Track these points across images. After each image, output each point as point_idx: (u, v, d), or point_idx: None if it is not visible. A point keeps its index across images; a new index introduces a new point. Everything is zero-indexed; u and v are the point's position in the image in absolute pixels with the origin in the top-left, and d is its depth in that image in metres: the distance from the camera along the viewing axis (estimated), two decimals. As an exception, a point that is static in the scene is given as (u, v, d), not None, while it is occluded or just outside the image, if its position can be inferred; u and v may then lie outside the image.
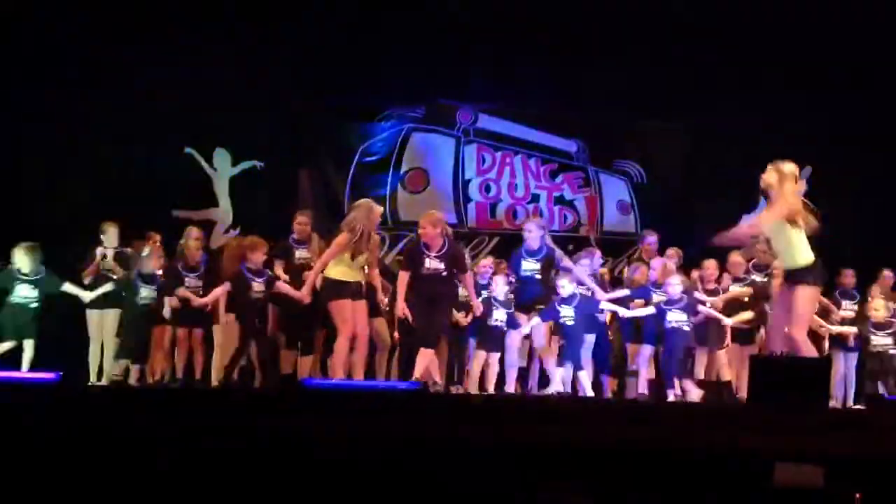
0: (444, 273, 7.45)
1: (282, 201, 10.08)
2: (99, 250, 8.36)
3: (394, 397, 6.11)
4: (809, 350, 6.60)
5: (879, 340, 8.11)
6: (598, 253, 8.81)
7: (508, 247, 10.38)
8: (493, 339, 7.92)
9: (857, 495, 5.26)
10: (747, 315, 8.19)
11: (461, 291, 7.87)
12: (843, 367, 8.54)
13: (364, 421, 5.47)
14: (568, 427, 5.81)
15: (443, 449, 5.47)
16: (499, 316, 7.90)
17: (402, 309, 7.38)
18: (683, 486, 5.55)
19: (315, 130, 10.88)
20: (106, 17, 9.76)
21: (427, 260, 7.45)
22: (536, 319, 7.86)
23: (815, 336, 7.96)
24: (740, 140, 10.49)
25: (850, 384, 8.66)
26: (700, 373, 8.22)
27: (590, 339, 8.00)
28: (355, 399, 5.84)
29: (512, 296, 8.07)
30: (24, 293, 7.78)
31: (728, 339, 8.29)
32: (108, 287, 8.03)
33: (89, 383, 7.85)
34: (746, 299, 8.35)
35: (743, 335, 8.42)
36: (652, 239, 9.30)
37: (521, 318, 7.94)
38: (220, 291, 7.75)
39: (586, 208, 11.17)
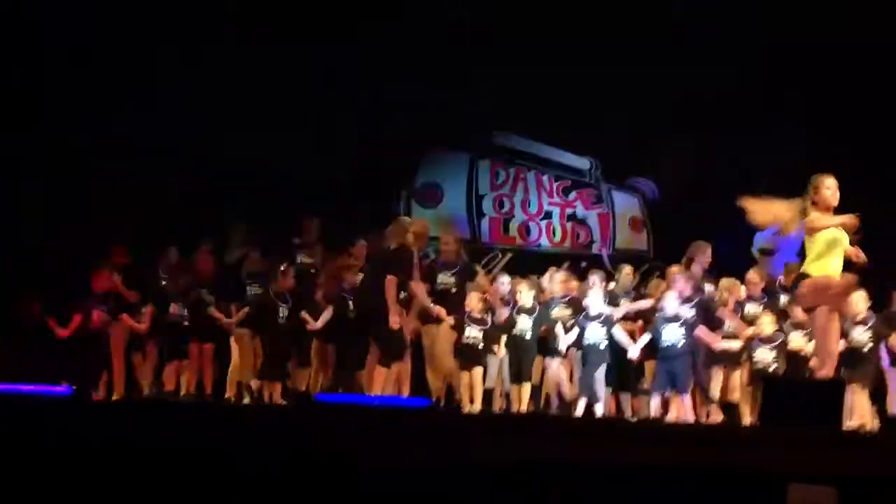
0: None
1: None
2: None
3: (404, 414, 6.11)
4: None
5: (762, 356, 7.92)
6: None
7: (521, 262, 10.43)
8: (468, 356, 7.81)
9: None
10: (737, 345, 7.98)
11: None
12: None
13: (374, 437, 5.47)
14: (580, 446, 5.80)
15: (453, 467, 5.47)
16: (471, 333, 7.78)
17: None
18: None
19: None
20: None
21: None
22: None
23: None
24: (755, 154, 10.47)
25: None
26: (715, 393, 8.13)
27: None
28: (366, 415, 5.85)
29: (487, 315, 7.92)
30: None
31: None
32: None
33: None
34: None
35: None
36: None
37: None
38: (326, 316, 7.86)
39: (599, 225, 11.16)
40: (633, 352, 7.76)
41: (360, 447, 5.40)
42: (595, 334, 7.79)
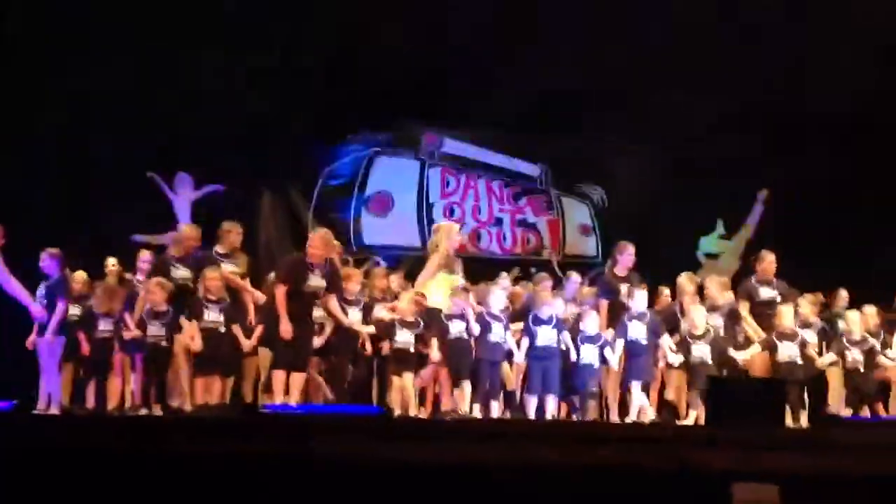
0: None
1: (244, 225, 10.01)
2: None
3: (355, 422, 6.11)
4: None
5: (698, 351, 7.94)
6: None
7: (472, 270, 10.45)
8: (401, 361, 7.73)
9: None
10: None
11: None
12: None
13: (324, 446, 5.47)
14: (526, 449, 5.85)
15: (408, 473, 5.49)
16: (403, 337, 7.70)
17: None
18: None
19: (278, 154, 10.87)
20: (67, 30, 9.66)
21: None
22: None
23: None
24: (702, 163, 10.64)
25: None
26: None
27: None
28: (316, 424, 5.84)
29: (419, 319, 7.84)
30: None
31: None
32: None
33: None
34: None
35: None
36: None
37: None
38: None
39: (549, 231, 11.26)
40: (519, 356, 7.83)
41: (307, 455, 5.40)
42: (547, 337, 7.81)
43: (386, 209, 11.12)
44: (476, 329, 7.62)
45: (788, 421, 7.38)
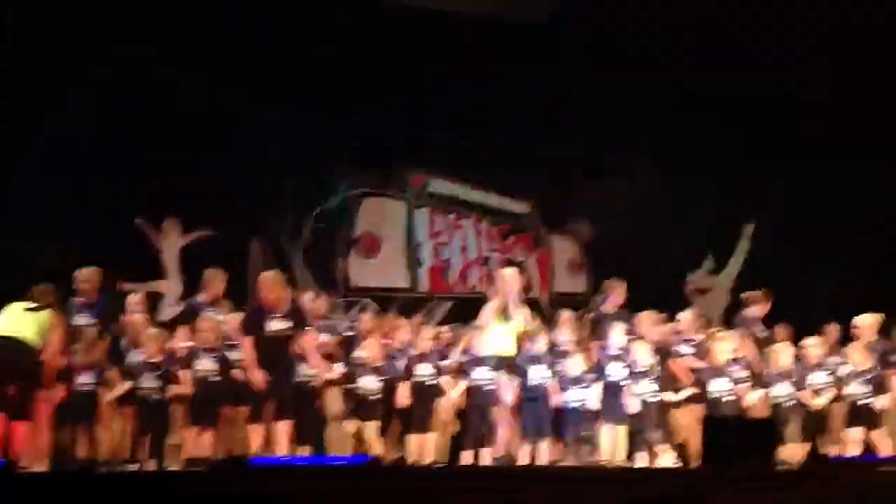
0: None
1: (233, 271, 9.98)
2: None
3: (343, 473, 6.05)
4: None
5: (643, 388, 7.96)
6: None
7: (462, 310, 10.44)
8: (364, 406, 7.71)
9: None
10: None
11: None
12: None
13: (313, 499, 5.40)
14: (531, 495, 5.79)
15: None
16: (365, 384, 7.68)
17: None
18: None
19: (267, 198, 10.86)
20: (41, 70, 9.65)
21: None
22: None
23: None
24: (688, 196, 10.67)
25: None
26: None
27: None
28: (302, 476, 5.77)
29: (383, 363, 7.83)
30: None
31: None
32: None
33: None
34: None
35: None
36: None
37: None
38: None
39: (537, 269, 11.24)
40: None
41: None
42: (539, 376, 7.76)
43: (374, 251, 11.09)
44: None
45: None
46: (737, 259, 11.30)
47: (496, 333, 7.87)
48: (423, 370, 7.75)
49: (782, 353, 8.07)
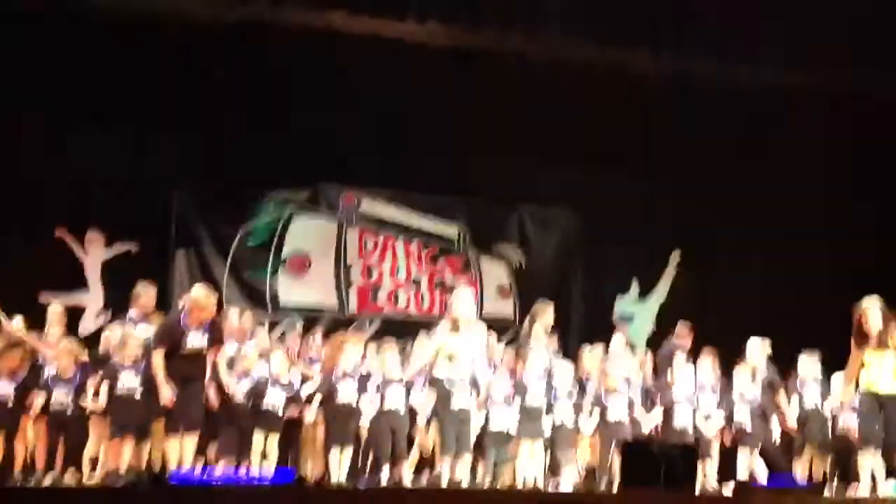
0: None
1: (157, 285, 9.82)
2: None
3: (264, 492, 5.96)
4: None
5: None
6: None
7: (390, 331, 10.41)
8: (268, 421, 7.67)
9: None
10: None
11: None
12: None
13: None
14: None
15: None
16: (273, 399, 7.67)
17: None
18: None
19: (193, 213, 10.71)
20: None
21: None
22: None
23: None
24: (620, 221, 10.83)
25: None
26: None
27: None
28: (223, 495, 5.67)
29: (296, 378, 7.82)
30: None
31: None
32: None
33: None
34: None
35: None
36: None
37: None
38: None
39: (467, 293, 11.26)
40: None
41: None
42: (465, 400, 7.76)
43: (303, 270, 11.01)
44: None
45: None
46: (663, 286, 11.49)
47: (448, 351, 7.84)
48: (345, 388, 7.69)
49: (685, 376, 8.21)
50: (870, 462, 7.31)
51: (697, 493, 6.93)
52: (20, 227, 9.84)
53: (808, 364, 8.30)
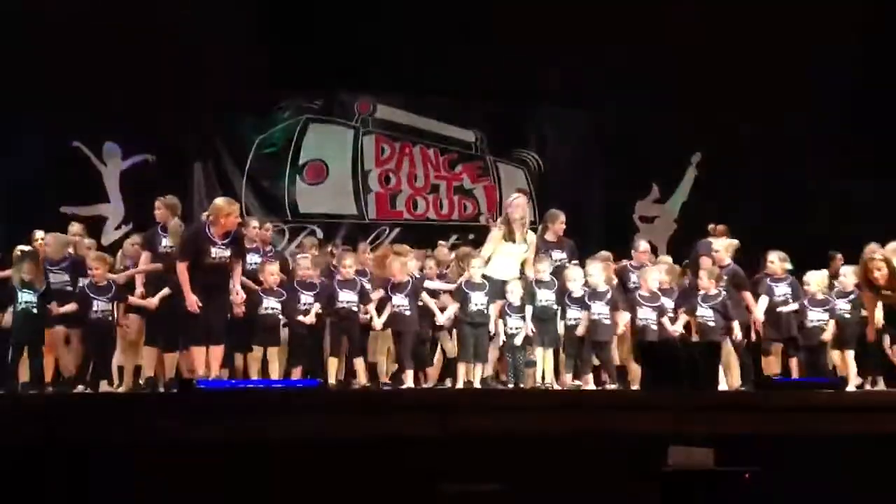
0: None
1: (176, 196, 9.81)
2: None
3: (291, 395, 6.06)
4: None
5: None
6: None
7: (409, 237, 10.44)
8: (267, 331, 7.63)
9: (746, 475, 5.44)
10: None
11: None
12: None
13: (259, 420, 5.41)
14: (469, 418, 5.86)
15: (341, 445, 5.47)
16: (269, 304, 7.62)
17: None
18: (581, 470, 5.66)
19: (209, 122, 10.65)
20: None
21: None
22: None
23: None
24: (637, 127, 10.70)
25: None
26: None
27: None
28: (253, 398, 5.78)
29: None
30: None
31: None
32: None
33: None
34: None
35: None
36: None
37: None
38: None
39: (485, 198, 11.24)
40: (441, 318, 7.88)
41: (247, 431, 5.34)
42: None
43: (320, 177, 10.98)
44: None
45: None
46: (683, 188, 11.40)
47: (502, 258, 7.91)
48: (346, 297, 7.72)
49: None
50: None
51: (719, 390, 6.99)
52: (40, 141, 9.84)
53: (778, 261, 8.24)
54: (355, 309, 7.71)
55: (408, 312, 7.71)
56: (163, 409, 5.56)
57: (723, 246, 8.19)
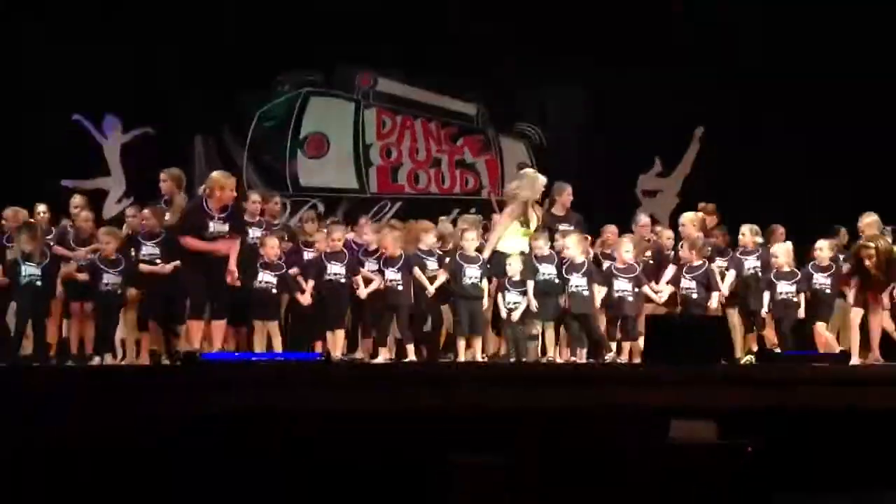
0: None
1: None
2: None
3: (294, 368, 6.07)
4: None
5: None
6: None
7: (410, 211, 10.43)
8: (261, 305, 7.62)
9: (748, 448, 5.46)
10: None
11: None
12: None
13: (264, 393, 5.42)
14: (472, 392, 5.88)
15: (348, 419, 5.48)
16: (265, 278, 7.61)
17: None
18: (584, 444, 5.68)
19: (210, 95, 10.60)
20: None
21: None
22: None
23: None
24: (637, 100, 10.65)
25: None
26: None
27: None
28: (255, 371, 5.78)
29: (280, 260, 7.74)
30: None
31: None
32: None
33: None
34: None
35: None
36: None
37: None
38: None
39: (487, 171, 11.21)
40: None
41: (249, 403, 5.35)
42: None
43: (321, 151, 10.95)
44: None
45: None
46: (686, 162, 11.36)
47: (514, 235, 7.92)
48: (334, 270, 7.71)
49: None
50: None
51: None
52: (40, 115, 9.79)
53: (749, 234, 8.24)
54: (343, 281, 7.73)
55: (400, 287, 7.72)
56: (168, 383, 5.56)
57: (688, 219, 8.17)
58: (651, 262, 8.32)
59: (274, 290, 7.57)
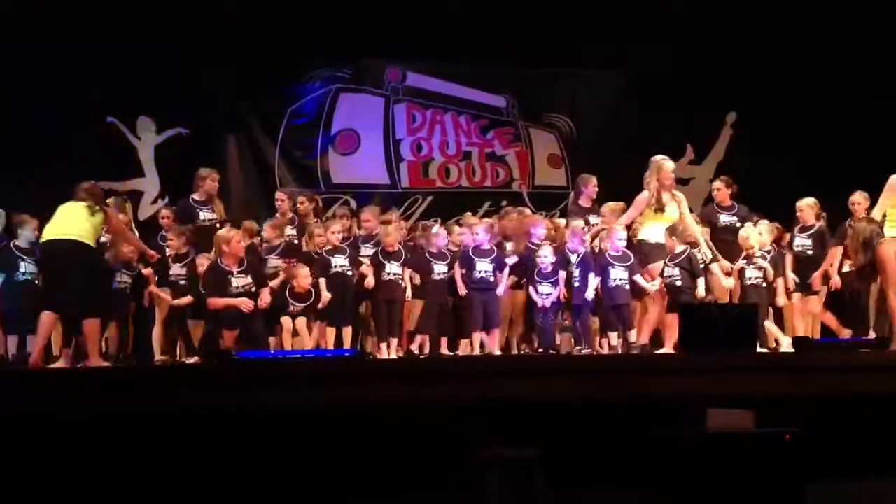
0: None
1: (210, 168, 9.86)
2: None
3: (328, 364, 6.11)
4: None
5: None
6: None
7: (442, 205, 10.45)
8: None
9: (787, 436, 5.40)
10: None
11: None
12: None
13: (300, 390, 5.45)
14: (503, 384, 5.87)
15: (381, 414, 5.49)
16: (294, 302, 7.77)
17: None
18: (620, 434, 5.65)
19: (240, 94, 10.68)
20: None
21: None
22: None
23: None
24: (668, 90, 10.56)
25: None
26: None
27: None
28: (289, 369, 5.82)
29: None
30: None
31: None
32: None
33: None
34: None
35: None
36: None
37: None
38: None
39: (517, 163, 11.19)
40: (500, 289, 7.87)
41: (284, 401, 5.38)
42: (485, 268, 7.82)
43: (352, 147, 10.99)
44: None
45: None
46: (718, 149, 11.27)
47: (653, 223, 7.92)
48: (338, 262, 7.75)
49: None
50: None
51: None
52: (74, 118, 9.91)
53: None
54: (349, 273, 7.75)
55: (401, 282, 7.74)
56: (204, 380, 5.61)
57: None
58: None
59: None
